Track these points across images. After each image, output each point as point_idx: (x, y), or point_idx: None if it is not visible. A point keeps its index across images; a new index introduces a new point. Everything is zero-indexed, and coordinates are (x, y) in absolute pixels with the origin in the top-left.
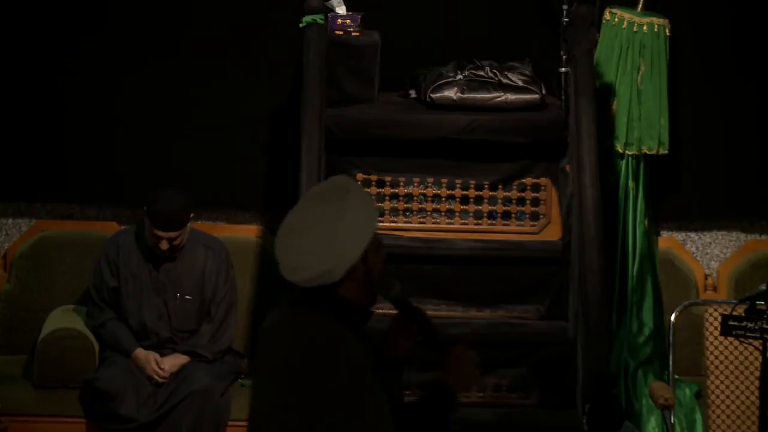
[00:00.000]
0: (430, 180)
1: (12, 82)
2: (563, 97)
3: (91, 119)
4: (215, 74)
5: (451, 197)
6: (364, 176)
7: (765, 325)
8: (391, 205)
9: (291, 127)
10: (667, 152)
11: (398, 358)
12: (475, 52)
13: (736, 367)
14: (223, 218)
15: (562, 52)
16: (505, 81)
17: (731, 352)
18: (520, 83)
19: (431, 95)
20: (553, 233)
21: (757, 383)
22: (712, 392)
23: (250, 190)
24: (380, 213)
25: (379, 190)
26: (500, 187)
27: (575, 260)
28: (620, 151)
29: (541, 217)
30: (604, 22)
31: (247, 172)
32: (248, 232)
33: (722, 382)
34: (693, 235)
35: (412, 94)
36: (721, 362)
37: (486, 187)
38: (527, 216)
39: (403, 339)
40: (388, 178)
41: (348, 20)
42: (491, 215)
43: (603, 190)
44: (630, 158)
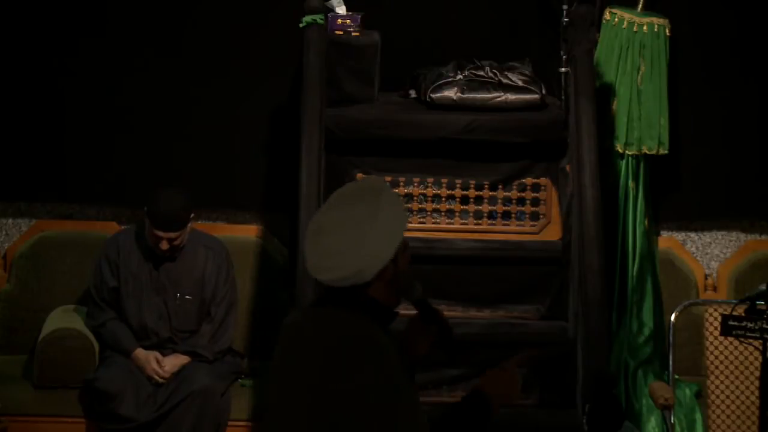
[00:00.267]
0: (430, 180)
1: (12, 82)
2: (563, 97)
3: (91, 119)
4: (215, 74)
5: (451, 197)
6: (364, 176)
7: (765, 325)
8: None
9: (291, 127)
10: (667, 152)
11: (415, 358)
12: (475, 52)
13: (736, 367)
14: (223, 218)
15: (562, 52)
16: (505, 81)
17: (731, 352)
18: (520, 83)
19: (431, 95)
20: (553, 233)
21: (757, 383)
22: (712, 392)
23: (250, 190)
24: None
25: None
26: (500, 187)
27: (575, 260)
28: (620, 151)
29: (541, 217)
30: (604, 22)
31: (247, 172)
32: (248, 232)
33: (722, 382)
34: (693, 235)
35: (412, 94)
36: (721, 362)
37: (486, 187)
38: (527, 216)
39: (422, 340)
40: (388, 178)
41: (348, 20)
42: (491, 215)
43: (603, 190)
44: (630, 158)
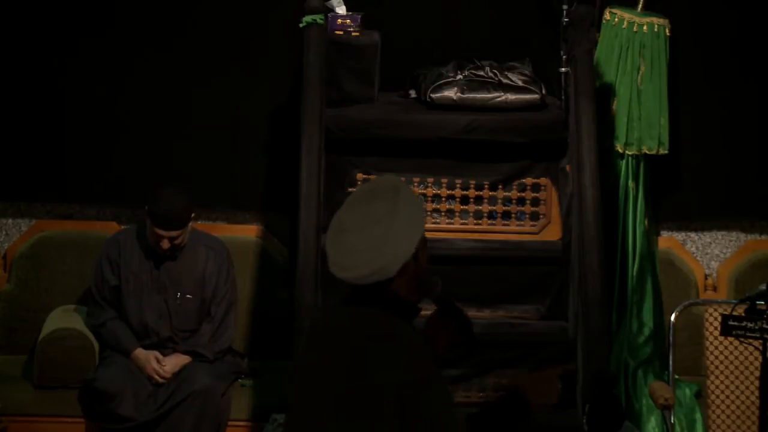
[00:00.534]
0: (430, 180)
1: (12, 82)
2: (563, 97)
3: (91, 119)
4: (215, 74)
5: (451, 197)
6: (364, 176)
7: (765, 325)
8: None
9: (291, 127)
10: (667, 152)
11: (436, 355)
12: (475, 52)
13: (736, 367)
14: (223, 218)
15: (562, 52)
16: (505, 81)
17: (731, 352)
18: (520, 83)
19: (431, 95)
20: (553, 233)
21: (757, 383)
22: (712, 392)
23: (250, 190)
24: None
25: None
26: (500, 187)
27: (575, 260)
28: (620, 151)
29: (541, 217)
30: (604, 22)
31: (247, 172)
32: (248, 232)
33: (722, 382)
34: (693, 235)
35: (412, 94)
36: (721, 362)
37: (486, 187)
38: (527, 216)
39: (442, 336)
40: None
41: (348, 20)
42: (491, 215)
43: (603, 190)
44: (630, 158)
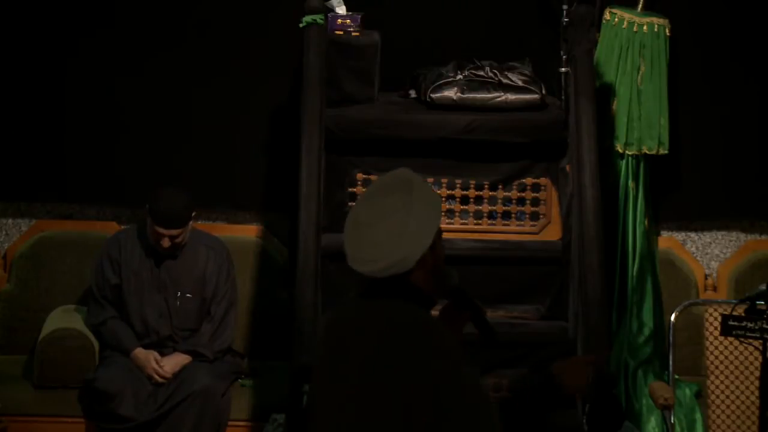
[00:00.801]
0: (430, 180)
1: (12, 82)
2: (563, 97)
3: (91, 119)
4: (215, 74)
5: (451, 197)
6: (364, 176)
7: (765, 325)
8: None
9: (291, 127)
10: (667, 152)
11: None
12: (475, 52)
13: (736, 367)
14: (223, 218)
15: (562, 52)
16: (505, 81)
17: (731, 352)
18: (520, 83)
19: (431, 95)
20: (553, 233)
21: (757, 383)
22: (712, 392)
23: (250, 190)
24: None
25: None
26: (500, 187)
27: (575, 260)
28: (620, 151)
29: (541, 217)
30: (604, 22)
31: (247, 172)
32: (248, 232)
33: (722, 382)
34: (693, 235)
35: (412, 94)
36: (721, 362)
37: (486, 187)
38: (527, 216)
39: (456, 328)
40: None
41: (348, 20)
42: (491, 215)
43: (603, 190)
44: (630, 158)
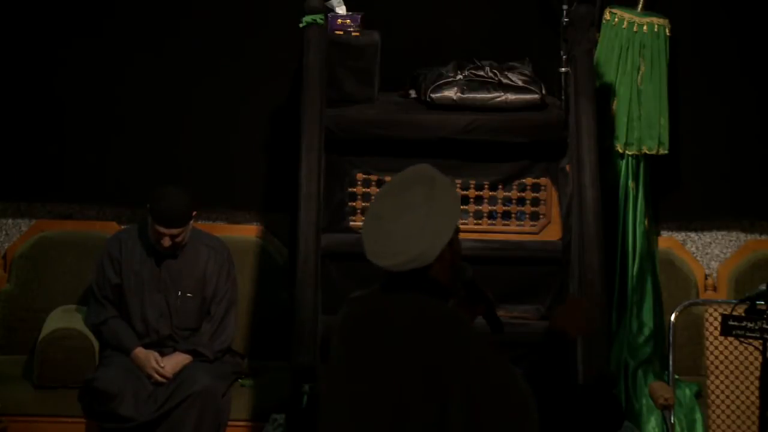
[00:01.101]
0: None
1: (12, 82)
2: (563, 97)
3: (90, 119)
4: (215, 74)
5: None
6: (364, 176)
7: (765, 325)
8: None
9: (291, 127)
10: (667, 152)
11: None
12: (475, 52)
13: (736, 367)
14: (223, 218)
15: (562, 52)
16: (505, 81)
17: (731, 352)
18: (520, 83)
19: (431, 95)
20: (553, 233)
21: (757, 383)
22: (712, 392)
23: (250, 190)
24: None
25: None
26: (500, 187)
27: (575, 260)
28: (620, 151)
29: (541, 217)
30: (604, 22)
31: (246, 172)
32: (248, 232)
33: (722, 382)
34: (693, 235)
35: (412, 94)
36: (721, 362)
37: (486, 187)
38: (527, 216)
39: (470, 320)
40: (388, 178)
41: (348, 20)
42: (491, 215)
43: (603, 190)
44: (630, 158)
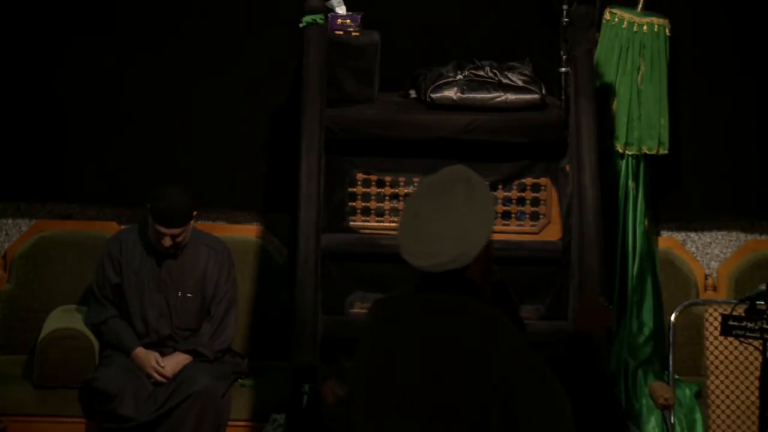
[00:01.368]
0: None
1: (12, 82)
2: (563, 97)
3: (90, 119)
4: (215, 74)
5: None
6: (364, 176)
7: (765, 325)
8: (391, 205)
9: (291, 127)
10: (667, 152)
11: None
12: (475, 52)
13: (736, 367)
14: (223, 218)
15: (562, 52)
16: (505, 81)
17: (731, 352)
18: (520, 83)
19: (431, 95)
20: (553, 233)
21: (757, 383)
22: (712, 392)
23: (250, 190)
24: (380, 213)
25: (379, 190)
26: (500, 187)
27: (575, 260)
28: (620, 151)
29: (541, 217)
30: (604, 22)
31: (247, 172)
32: (248, 232)
33: (722, 382)
34: (693, 235)
35: (412, 94)
36: (721, 362)
37: None
38: (527, 216)
39: None
40: (388, 178)
41: (348, 20)
42: None
43: (603, 190)
44: (630, 158)
